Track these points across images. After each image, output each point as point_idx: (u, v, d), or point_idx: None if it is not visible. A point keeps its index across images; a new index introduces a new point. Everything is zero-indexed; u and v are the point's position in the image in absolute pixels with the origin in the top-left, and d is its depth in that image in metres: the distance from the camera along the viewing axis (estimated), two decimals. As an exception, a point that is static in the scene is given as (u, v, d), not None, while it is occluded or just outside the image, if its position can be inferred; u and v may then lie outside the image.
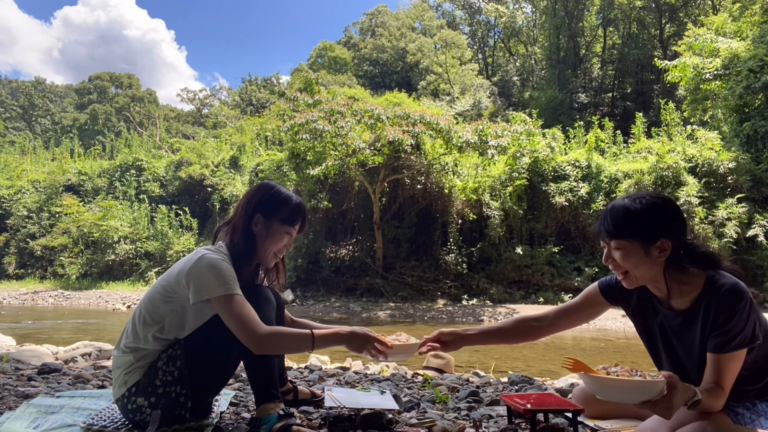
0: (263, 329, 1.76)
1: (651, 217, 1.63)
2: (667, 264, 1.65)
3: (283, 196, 2.02)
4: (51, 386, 2.75)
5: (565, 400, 2.07)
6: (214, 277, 1.78)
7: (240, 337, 1.76)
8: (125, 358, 1.88)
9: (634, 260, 1.64)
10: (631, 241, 1.63)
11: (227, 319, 1.77)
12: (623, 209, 1.65)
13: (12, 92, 54.29)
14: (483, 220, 14.99)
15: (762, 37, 14.25)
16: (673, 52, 23.14)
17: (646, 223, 1.62)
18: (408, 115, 12.92)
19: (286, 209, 2.00)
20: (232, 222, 2.02)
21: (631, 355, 7.22)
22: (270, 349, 1.79)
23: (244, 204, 2.01)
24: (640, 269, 1.66)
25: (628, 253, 1.64)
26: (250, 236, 1.97)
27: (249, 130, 24.16)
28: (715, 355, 1.57)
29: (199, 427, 1.92)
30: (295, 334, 1.83)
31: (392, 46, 38.23)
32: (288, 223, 2.00)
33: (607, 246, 1.70)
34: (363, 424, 2.03)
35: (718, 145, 14.20)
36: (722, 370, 1.56)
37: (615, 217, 1.66)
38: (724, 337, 1.55)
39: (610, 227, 1.66)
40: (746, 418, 1.60)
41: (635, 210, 1.63)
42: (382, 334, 1.94)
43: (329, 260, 16.14)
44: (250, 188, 2.07)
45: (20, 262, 21.27)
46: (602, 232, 1.69)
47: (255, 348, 1.76)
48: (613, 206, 1.69)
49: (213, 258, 1.83)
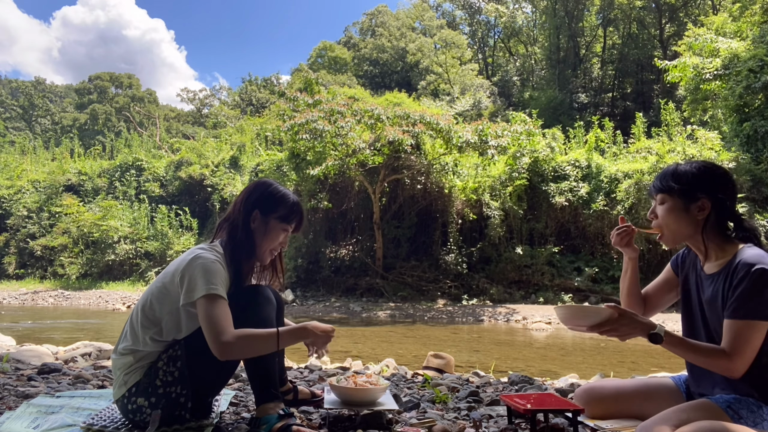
0: (228, 335, 1.71)
1: (697, 176, 1.71)
2: (707, 226, 1.71)
3: (280, 193, 2.03)
4: (51, 386, 2.75)
5: (565, 400, 2.07)
6: (202, 279, 1.77)
7: (207, 341, 1.73)
8: (125, 359, 1.87)
9: (673, 215, 1.74)
10: (673, 196, 1.73)
11: (201, 320, 1.74)
12: (674, 167, 1.77)
13: (12, 92, 54.28)
14: (483, 220, 14.99)
15: (762, 37, 14.24)
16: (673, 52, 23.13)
17: (691, 181, 1.71)
18: (408, 115, 12.91)
19: (284, 207, 2.01)
20: (231, 218, 2.02)
21: (631, 355, 7.22)
22: (236, 354, 1.76)
23: (242, 200, 2.01)
24: (677, 225, 1.74)
25: (670, 207, 1.74)
26: (249, 233, 1.98)
27: (249, 130, 24.17)
28: (729, 321, 1.59)
29: (199, 427, 1.92)
30: (260, 335, 1.78)
31: (392, 46, 38.22)
32: (285, 220, 2.01)
33: (654, 201, 1.81)
34: (363, 424, 2.03)
35: (718, 145, 14.19)
36: (735, 336, 1.57)
37: (664, 174, 1.77)
38: (742, 302, 1.56)
39: (657, 183, 1.78)
40: (749, 422, 1.58)
41: (683, 169, 1.74)
42: (353, 375, 2.17)
43: (329, 260, 16.13)
44: (247, 185, 2.08)
45: (20, 262, 21.27)
46: (651, 189, 1.82)
47: (219, 353, 1.72)
48: (668, 167, 1.80)
49: (206, 258, 1.82)
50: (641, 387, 1.99)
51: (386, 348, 7.34)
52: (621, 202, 13.99)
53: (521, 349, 7.82)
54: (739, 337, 1.56)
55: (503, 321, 11.36)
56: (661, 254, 13.72)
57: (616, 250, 14.41)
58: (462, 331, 9.88)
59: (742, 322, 1.56)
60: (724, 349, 1.59)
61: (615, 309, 1.58)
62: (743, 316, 1.56)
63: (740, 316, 1.56)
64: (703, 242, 1.72)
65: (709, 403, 1.61)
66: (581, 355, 7.33)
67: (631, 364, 6.49)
